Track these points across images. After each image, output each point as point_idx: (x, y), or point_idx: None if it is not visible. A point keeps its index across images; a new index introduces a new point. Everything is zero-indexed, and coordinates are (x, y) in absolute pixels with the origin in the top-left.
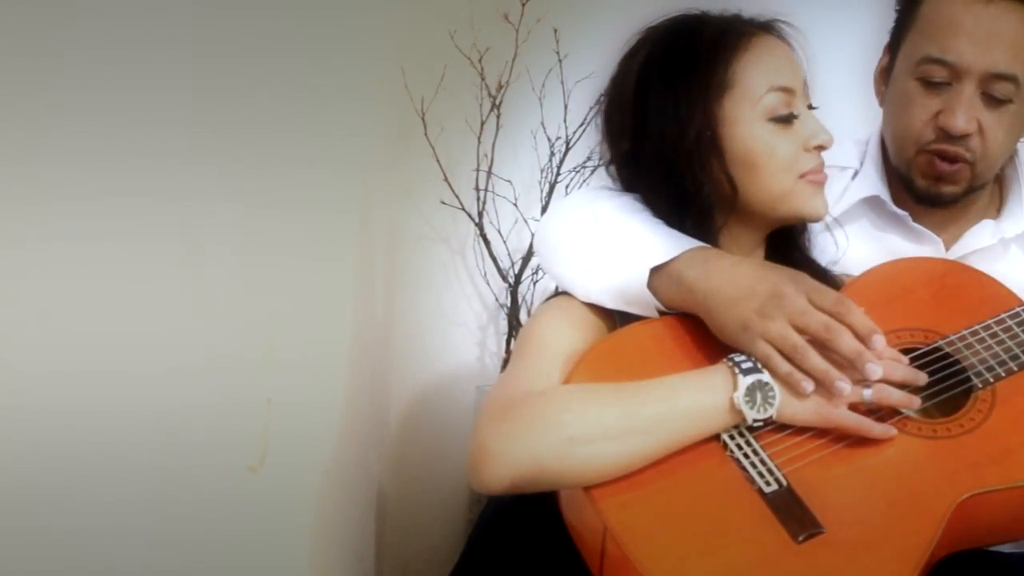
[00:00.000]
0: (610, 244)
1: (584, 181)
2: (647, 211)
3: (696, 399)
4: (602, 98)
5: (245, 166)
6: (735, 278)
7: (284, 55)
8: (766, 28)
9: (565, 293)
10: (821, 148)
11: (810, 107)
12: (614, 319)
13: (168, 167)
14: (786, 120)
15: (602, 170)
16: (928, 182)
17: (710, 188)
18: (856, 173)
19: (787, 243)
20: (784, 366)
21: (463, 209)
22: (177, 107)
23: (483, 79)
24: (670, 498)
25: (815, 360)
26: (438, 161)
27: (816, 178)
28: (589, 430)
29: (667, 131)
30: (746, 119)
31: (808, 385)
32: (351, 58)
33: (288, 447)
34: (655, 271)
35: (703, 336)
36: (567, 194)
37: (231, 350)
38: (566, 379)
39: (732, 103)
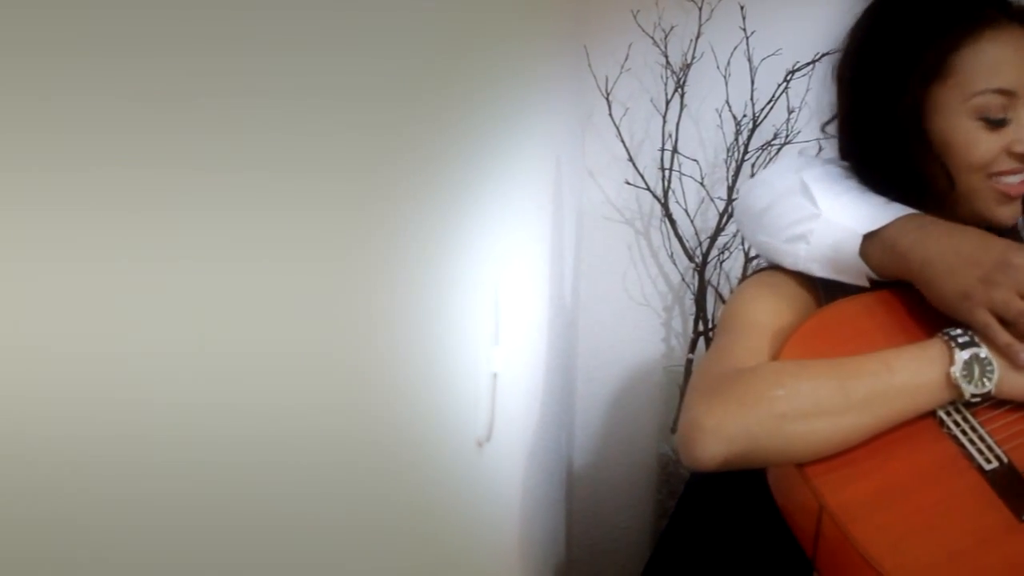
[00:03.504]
0: (820, 211)
1: (771, 159)
2: (855, 179)
3: (912, 374)
4: (837, 49)
5: (478, 163)
6: (955, 246)
7: (478, 43)
8: (1008, 13)
9: (768, 269)
10: None
11: None
12: (819, 293)
13: (396, 171)
14: (996, 124)
15: (789, 147)
16: None
17: (925, 176)
18: None
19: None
20: (1004, 336)
21: (648, 189)
22: (397, 110)
23: (667, 58)
24: (887, 476)
25: None
26: (623, 141)
27: (1007, 186)
28: (802, 406)
29: (879, 105)
30: (953, 110)
31: None
32: (537, 41)
33: (501, 425)
34: (867, 238)
35: (914, 310)
36: (753, 173)
37: (468, 325)
38: (776, 355)
39: (943, 92)
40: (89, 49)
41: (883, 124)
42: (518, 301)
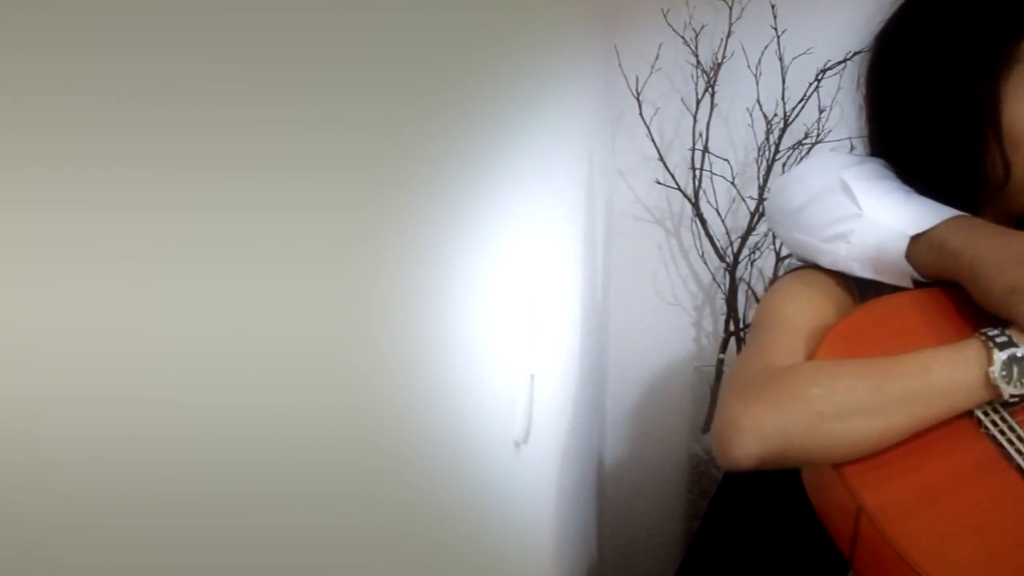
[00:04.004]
0: (862, 211)
1: (801, 159)
2: (893, 177)
3: (950, 375)
4: (869, 46)
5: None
6: (1007, 244)
7: (509, 42)
8: None
9: (803, 268)
10: None
11: None
12: (854, 292)
13: (418, 168)
14: None
15: (820, 147)
16: None
17: (982, 166)
18: None
19: None
20: None
21: (679, 189)
22: (417, 106)
23: (697, 57)
24: (925, 476)
25: None
26: (653, 141)
27: None
28: (839, 405)
29: (945, 100)
30: (1021, 97)
31: None
32: (567, 40)
33: (537, 426)
34: (914, 239)
35: (951, 310)
36: (784, 172)
37: (505, 327)
38: (811, 354)
39: (1010, 81)
40: (89, 49)
41: (943, 117)
42: (552, 302)
